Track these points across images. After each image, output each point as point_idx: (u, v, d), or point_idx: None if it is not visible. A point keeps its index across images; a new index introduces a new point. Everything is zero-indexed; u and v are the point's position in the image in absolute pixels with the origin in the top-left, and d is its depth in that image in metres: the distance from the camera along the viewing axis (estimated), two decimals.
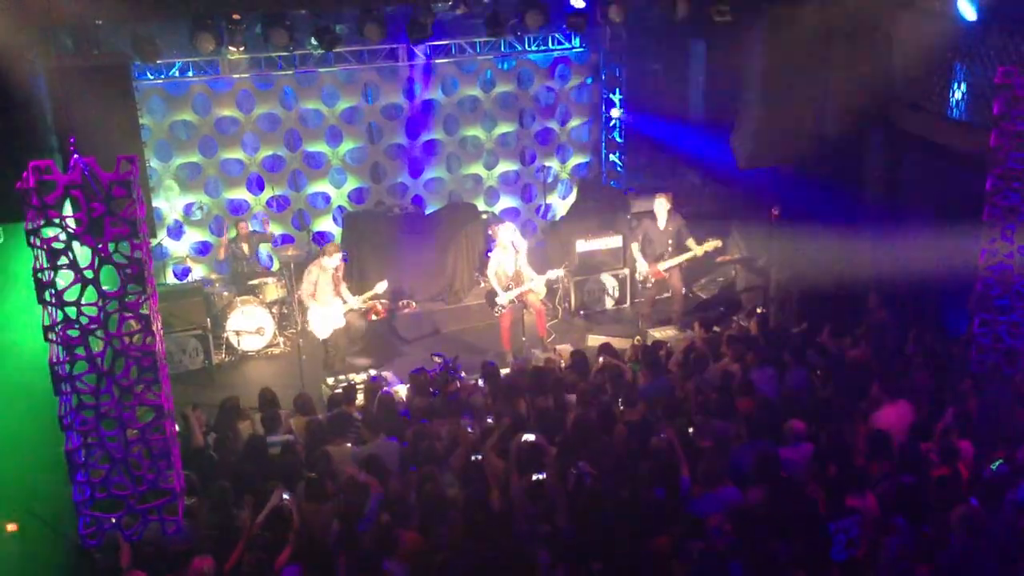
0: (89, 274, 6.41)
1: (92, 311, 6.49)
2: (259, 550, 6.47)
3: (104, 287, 6.46)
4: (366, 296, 11.58)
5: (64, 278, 6.43)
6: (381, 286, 11.54)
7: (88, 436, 6.64)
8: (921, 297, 10.69)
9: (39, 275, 6.32)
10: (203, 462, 7.99)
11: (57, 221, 6.29)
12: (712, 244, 12.24)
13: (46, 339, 6.43)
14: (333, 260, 11.19)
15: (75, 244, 6.37)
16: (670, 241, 12.19)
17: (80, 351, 6.51)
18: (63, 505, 7.34)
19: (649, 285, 12.54)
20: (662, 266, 12.22)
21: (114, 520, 6.72)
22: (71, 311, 6.41)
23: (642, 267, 12.38)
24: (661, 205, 12.22)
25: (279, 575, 6.39)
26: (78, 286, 6.42)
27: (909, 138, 11.50)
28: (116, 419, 6.61)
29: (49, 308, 6.42)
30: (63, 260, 6.34)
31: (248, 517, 6.98)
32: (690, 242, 12.18)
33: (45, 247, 6.29)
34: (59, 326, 6.45)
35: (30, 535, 7.35)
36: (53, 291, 6.36)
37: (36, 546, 7.15)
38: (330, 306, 11.30)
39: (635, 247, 12.47)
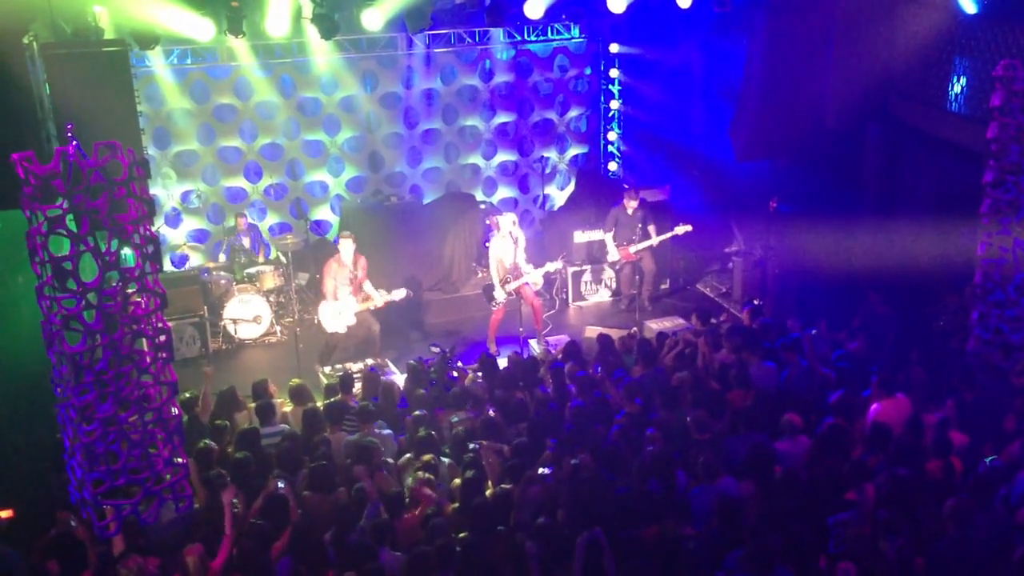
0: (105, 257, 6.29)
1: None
2: (253, 539, 6.46)
3: (84, 278, 6.32)
4: (386, 299, 11.32)
5: (86, 264, 6.24)
6: (398, 293, 11.31)
7: (108, 424, 6.39)
8: (919, 290, 10.68)
9: (63, 264, 6.10)
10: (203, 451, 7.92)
11: (82, 209, 6.14)
12: (682, 228, 12.76)
13: (66, 327, 6.20)
14: (347, 249, 11.06)
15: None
16: (638, 226, 12.81)
17: (99, 338, 6.30)
18: (56, 492, 7.31)
19: (619, 267, 13.22)
20: (632, 249, 12.82)
21: (128, 506, 6.56)
22: (92, 296, 6.21)
23: (613, 255, 12.97)
24: (630, 202, 12.84)
25: (274, 565, 6.38)
26: (93, 271, 6.28)
27: (908, 131, 11.49)
28: (134, 401, 6.49)
29: (63, 296, 6.18)
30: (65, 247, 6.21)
31: (242, 506, 6.98)
32: (651, 229, 12.85)
33: (66, 233, 6.13)
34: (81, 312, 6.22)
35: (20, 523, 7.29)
36: (76, 278, 6.15)
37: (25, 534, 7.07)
38: (343, 301, 11.17)
39: (608, 236, 13.01)
